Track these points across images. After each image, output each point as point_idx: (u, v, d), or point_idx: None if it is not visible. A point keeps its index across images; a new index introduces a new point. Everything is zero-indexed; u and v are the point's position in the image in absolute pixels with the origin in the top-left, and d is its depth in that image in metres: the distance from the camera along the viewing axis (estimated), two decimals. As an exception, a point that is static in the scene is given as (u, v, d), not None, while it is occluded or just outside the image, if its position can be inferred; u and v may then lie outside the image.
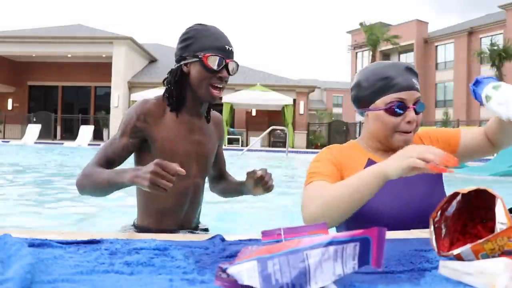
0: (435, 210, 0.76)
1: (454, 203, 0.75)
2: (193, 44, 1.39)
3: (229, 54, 1.41)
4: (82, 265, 0.63)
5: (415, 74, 1.23)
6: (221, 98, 1.54)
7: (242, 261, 0.52)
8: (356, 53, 38.51)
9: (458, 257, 0.66)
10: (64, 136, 22.96)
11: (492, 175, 6.55)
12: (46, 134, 19.52)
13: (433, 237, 0.73)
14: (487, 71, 22.37)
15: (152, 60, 24.82)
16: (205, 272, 0.62)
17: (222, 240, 0.84)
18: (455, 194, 0.75)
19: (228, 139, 18.52)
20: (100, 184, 1.27)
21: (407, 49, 33.73)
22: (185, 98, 1.45)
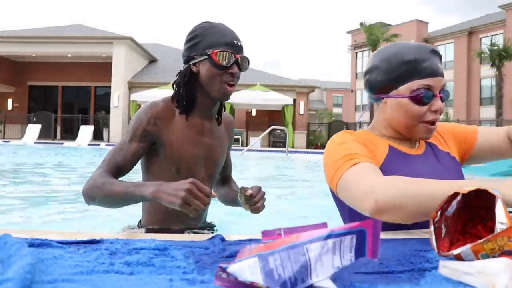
0: (435, 210, 0.76)
1: (454, 203, 0.75)
2: (200, 42, 1.33)
3: (239, 49, 1.34)
4: (82, 265, 0.63)
5: (440, 58, 1.11)
6: (224, 108, 1.49)
7: (242, 258, 0.52)
8: (356, 53, 38.55)
9: (458, 257, 0.66)
10: (64, 136, 22.98)
11: (492, 175, 6.55)
12: (46, 134, 19.54)
13: (433, 237, 0.73)
14: (487, 71, 22.36)
15: (152, 60, 24.82)
16: (205, 272, 0.62)
17: (222, 240, 0.84)
18: (455, 194, 0.75)
19: (228, 139, 18.51)
20: (114, 196, 1.19)
21: (407, 49, 33.70)
22: (195, 100, 1.39)
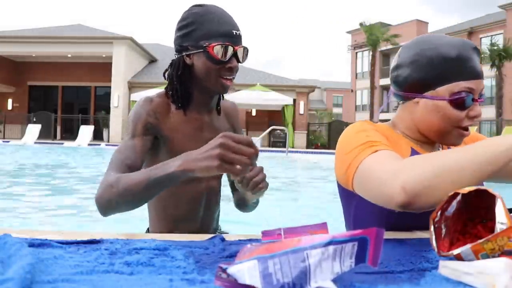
0: (435, 210, 0.76)
1: (454, 203, 0.75)
2: (194, 31, 1.19)
3: (237, 39, 1.20)
4: (82, 265, 0.63)
5: (480, 57, 1.01)
6: (222, 97, 1.41)
7: (242, 260, 0.52)
8: (356, 53, 38.55)
9: (458, 257, 0.66)
10: (64, 136, 23.00)
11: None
12: (46, 134, 19.55)
13: (433, 237, 0.73)
14: (487, 71, 22.35)
15: (152, 60, 24.84)
16: (205, 272, 0.62)
17: (222, 240, 0.84)
18: (455, 194, 0.75)
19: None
20: (134, 189, 0.97)
21: (407, 49, 33.72)
22: (191, 95, 1.27)
